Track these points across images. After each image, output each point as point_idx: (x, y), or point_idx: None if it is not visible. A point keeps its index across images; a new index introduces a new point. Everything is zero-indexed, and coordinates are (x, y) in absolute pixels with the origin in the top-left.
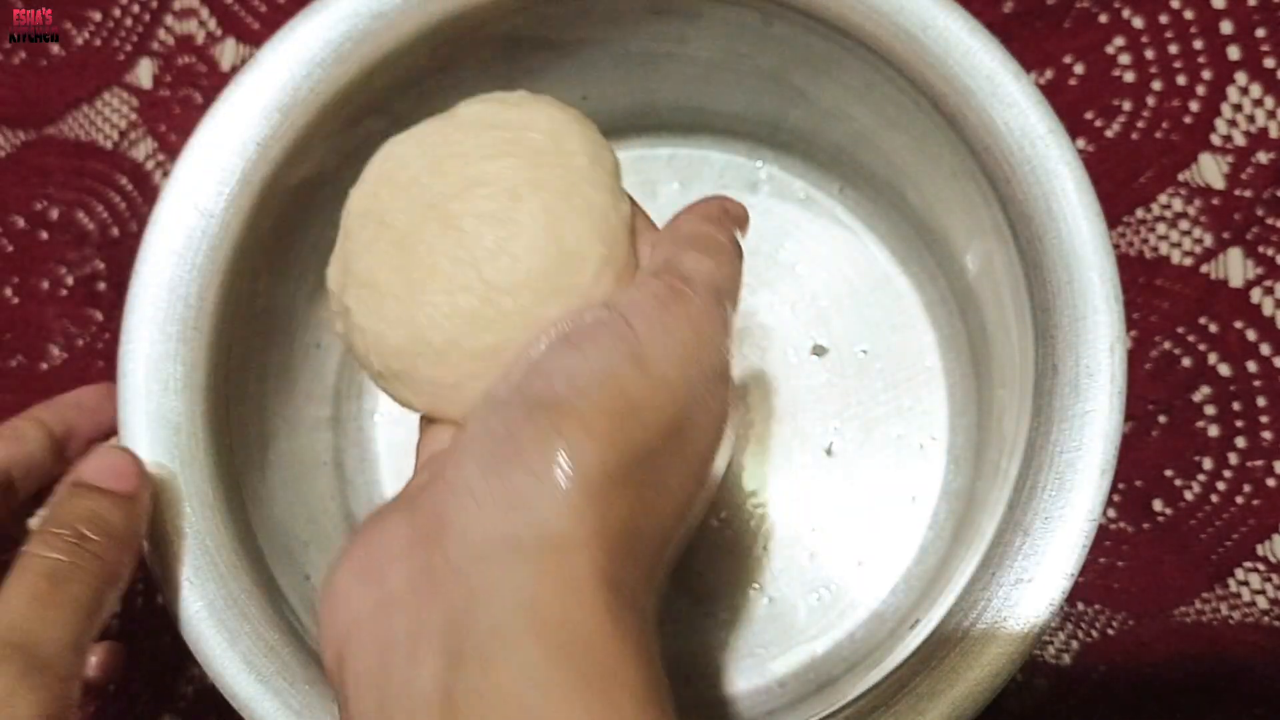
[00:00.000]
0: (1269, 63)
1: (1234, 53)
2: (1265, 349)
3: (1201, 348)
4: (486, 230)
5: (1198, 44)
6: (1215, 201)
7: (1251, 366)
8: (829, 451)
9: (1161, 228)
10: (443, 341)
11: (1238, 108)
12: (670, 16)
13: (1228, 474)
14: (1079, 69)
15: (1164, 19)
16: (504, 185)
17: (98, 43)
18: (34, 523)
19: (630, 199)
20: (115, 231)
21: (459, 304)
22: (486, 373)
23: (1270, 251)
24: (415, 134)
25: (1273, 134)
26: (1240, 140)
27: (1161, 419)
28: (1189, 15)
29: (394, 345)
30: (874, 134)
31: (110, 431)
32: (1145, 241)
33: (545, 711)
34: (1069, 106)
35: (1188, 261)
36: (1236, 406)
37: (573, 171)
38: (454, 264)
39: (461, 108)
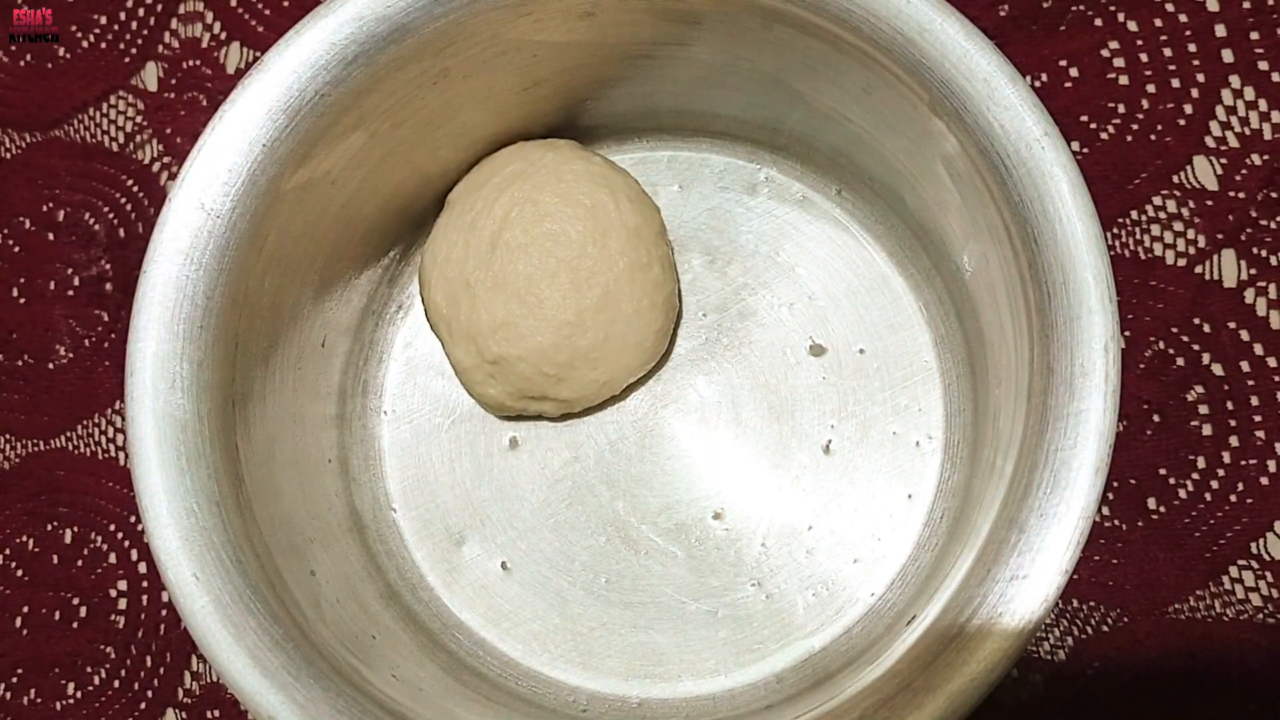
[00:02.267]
0: (1262, 65)
1: (1228, 55)
2: (1258, 349)
3: (1195, 348)
4: None
5: (1191, 47)
6: (1209, 203)
7: (1245, 366)
8: (827, 450)
9: (1156, 229)
10: None
11: (1231, 110)
12: (671, 20)
13: (1221, 473)
14: (1074, 72)
15: (1158, 22)
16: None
17: (103, 46)
18: None
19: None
20: (121, 233)
21: None
22: None
23: (1263, 252)
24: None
25: (1266, 136)
26: (1234, 142)
27: (1155, 418)
28: (1183, 19)
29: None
30: (871, 137)
31: None
32: (1140, 243)
33: None
34: (1064, 109)
35: (1181, 262)
36: (1230, 406)
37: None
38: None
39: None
